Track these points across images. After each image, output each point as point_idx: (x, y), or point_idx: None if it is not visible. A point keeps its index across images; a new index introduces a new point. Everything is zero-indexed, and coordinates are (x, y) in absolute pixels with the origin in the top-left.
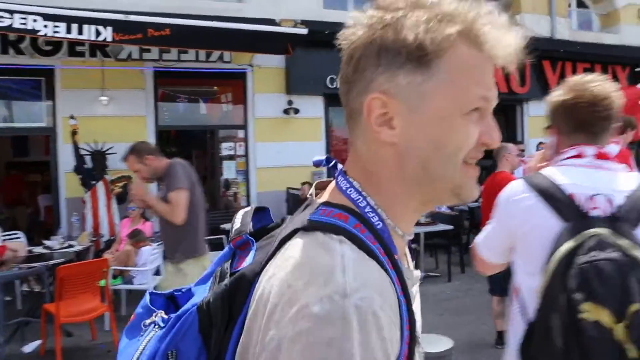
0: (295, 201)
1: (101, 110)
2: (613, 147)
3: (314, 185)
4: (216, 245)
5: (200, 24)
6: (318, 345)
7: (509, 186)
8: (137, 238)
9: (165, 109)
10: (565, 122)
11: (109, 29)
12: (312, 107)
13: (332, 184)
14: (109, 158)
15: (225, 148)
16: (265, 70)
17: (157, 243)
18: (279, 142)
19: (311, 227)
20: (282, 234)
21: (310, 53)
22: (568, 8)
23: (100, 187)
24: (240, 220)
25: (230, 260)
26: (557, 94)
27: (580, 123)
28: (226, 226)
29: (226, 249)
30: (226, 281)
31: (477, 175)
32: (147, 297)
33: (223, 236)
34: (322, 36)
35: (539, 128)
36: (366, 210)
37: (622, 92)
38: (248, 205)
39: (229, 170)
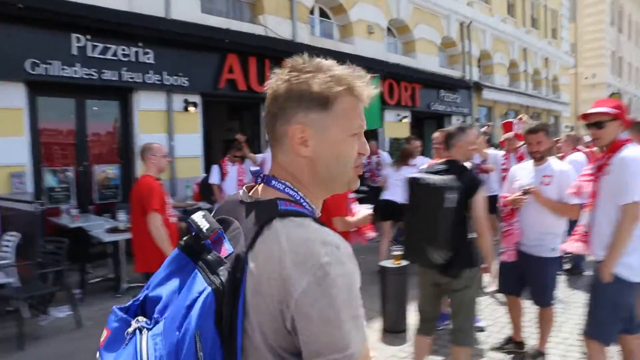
0: None
1: None
2: None
3: None
4: None
5: None
6: (341, 277)
7: None
8: None
9: None
10: None
11: None
12: (8, 96)
13: (261, 186)
14: None
15: None
16: None
17: None
18: None
19: (284, 214)
20: (250, 224)
21: (2, 29)
22: (310, 15)
23: None
24: (205, 221)
25: (206, 253)
26: None
27: None
28: None
29: (174, 252)
30: (228, 263)
31: (359, 173)
32: (117, 313)
33: None
34: (19, 11)
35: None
36: (301, 201)
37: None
38: None
39: None
